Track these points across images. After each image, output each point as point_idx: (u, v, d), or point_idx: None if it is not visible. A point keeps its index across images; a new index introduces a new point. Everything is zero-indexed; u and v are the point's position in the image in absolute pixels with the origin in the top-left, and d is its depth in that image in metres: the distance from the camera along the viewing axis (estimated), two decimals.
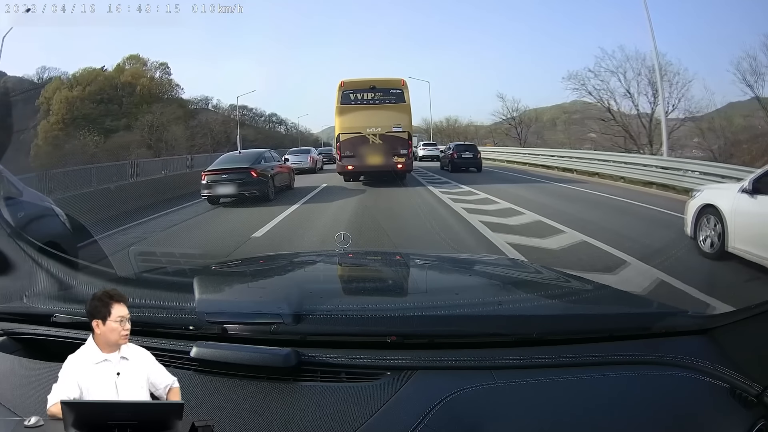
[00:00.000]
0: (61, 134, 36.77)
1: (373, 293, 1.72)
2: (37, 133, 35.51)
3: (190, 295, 1.30)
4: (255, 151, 13.29)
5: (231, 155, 12.84)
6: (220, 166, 11.18)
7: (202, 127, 44.49)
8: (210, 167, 11.20)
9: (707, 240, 5.39)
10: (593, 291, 1.68)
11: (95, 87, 41.14)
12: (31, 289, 1.57)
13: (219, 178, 10.49)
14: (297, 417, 0.95)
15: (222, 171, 10.71)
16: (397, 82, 14.19)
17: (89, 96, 40.20)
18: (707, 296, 3.91)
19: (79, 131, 36.77)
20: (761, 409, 0.98)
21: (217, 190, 10.44)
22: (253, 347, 1.10)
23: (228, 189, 10.41)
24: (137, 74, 44.65)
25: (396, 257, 2.48)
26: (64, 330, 1.28)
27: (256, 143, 37.70)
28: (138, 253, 3.24)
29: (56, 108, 38.10)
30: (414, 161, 15.97)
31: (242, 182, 10.39)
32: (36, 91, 37.52)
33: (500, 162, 25.18)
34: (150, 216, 9.40)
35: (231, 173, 10.55)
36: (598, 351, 1.14)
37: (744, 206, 4.83)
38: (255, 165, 10.96)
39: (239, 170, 10.62)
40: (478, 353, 1.11)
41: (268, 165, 11.60)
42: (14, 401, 1.02)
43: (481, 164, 19.44)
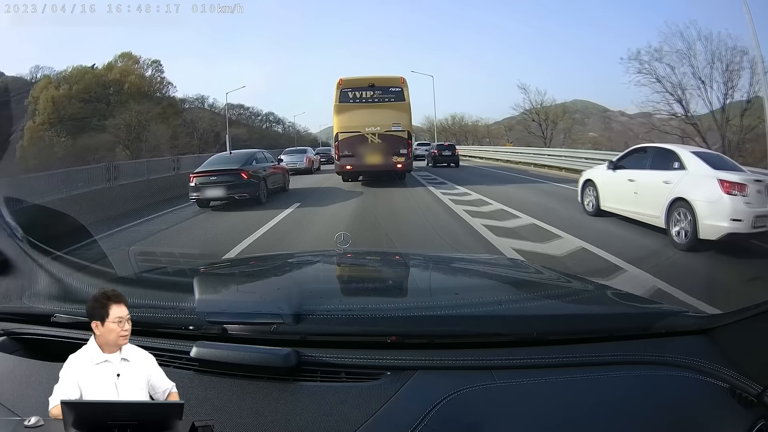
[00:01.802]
0: (47, 135, 35.24)
1: (373, 293, 1.72)
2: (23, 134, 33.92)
3: (190, 295, 1.31)
4: (246, 151, 12.84)
5: (221, 156, 12.37)
6: (209, 167, 10.69)
7: (187, 126, 42.08)
8: (199, 168, 10.71)
9: (589, 203, 8.14)
10: (593, 291, 1.68)
11: (82, 85, 38.90)
12: (31, 289, 1.57)
13: (208, 180, 10.02)
14: (297, 417, 0.95)
15: (211, 173, 10.24)
16: (396, 80, 13.78)
17: (76, 95, 38.05)
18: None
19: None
20: (761, 409, 0.98)
21: (205, 193, 9.98)
22: (253, 347, 1.10)
23: (217, 192, 9.95)
24: (126, 71, 42.32)
25: (396, 257, 2.48)
26: (64, 330, 1.28)
27: (248, 143, 36.18)
28: (138, 253, 3.25)
29: (42, 108, 36.21)
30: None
31: (232, 184, 9.92)
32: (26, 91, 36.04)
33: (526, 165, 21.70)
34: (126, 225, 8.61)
35: (220, 175, 10.10)
36: (598, 351, 1.14)
37: (608, 178, 7.65)
38: (246, 166, 10.50)
39: (229, 172, 10.17)
40: (478, 353, 1.11)
41: (260, 166, 11.17)
42: (14, 401, 1.02)
43: (458, 160, 22.59)
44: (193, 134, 41.61)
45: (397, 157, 13.16)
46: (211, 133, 42.63)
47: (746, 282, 4.54)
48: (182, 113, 43.91)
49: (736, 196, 5.53)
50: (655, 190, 6.48)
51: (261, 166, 11.27)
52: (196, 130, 42.29)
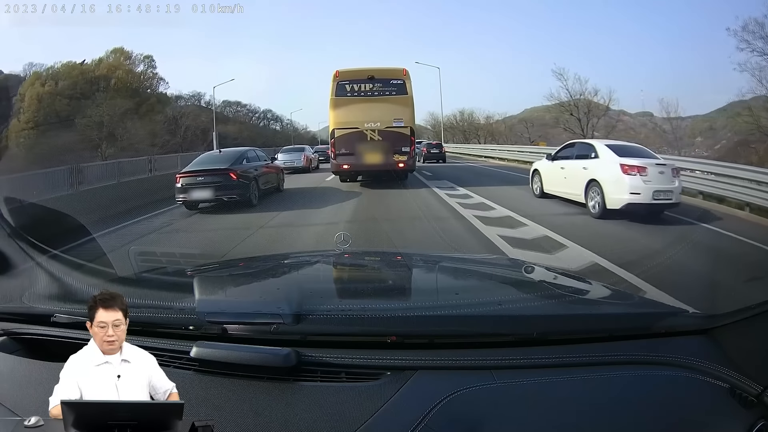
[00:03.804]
0: (32, 133, 32.84)
1: (372, 293, 1.72)
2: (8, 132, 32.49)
3: (190, 295, 1.31)
4: (236, 149, 12.01)
5: (210, 155, 11.60)
6: (196, 167, 10.00)
7: (169, 123, 38.76)
8: (186, 168, 10.05)
9: (537, 188, 10.15)
10: (593, 291, 1.68)
11: (69, 81, 36.67)
12: (31, 289, 1.57)
13: (195, 181, 9.34)
14: (297, 417, 0.95)
15: (198, 173, 9.56)
16: (398, 71, 12.53)
17: (61, 91, 35.75)
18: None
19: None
20: (761, 409, 0.98)
21: (192, 195, 9.28)
22: (253, 347, 1.10)
23: (204, 193, 9.28)
24: (115, 67, 40.01)
25: (396, 257, 2.48)
26: (64, 330, 1.28)
27: (238, 142, 33.64)
28: (138, 252, 3.25)
29: (27, 105, 34.36)
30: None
31: (219, 185, 9.24)
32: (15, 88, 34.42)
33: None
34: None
35: (207, 175, 9.42)
36: (599, 351, 1.14)
37: (548, 167, 9.69)
38: (235, 166, 9.80)
39: (216, 172, 9.48)
40: (478, 353, 1.11)
41: (251, 165, 10.46)
42: (14, 401, 1.02)
43: (445, 157, 24.24)
44: (176, 132, 38.57)
45: (398, 155, 12.07)
46: (197, 130, 39.65)
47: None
48: (164, 110, 40.78)
49: (634, 175, 7.38)
50: (577, 174, 8.43)
51: (252, 165, 10.62)
52: (178, 127, 39.22)
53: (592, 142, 9.12)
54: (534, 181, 10.35)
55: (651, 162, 7.71)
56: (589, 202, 7.99)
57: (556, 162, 9.40)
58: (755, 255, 6.20)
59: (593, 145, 8.60)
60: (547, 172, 9.75)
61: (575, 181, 8.43)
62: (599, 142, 8.76)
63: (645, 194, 7.28)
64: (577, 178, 8.36)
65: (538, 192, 10.06)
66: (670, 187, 7.47)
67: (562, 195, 9.05)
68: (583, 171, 8.26)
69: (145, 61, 42.30)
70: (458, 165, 22.19)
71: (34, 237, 1.81)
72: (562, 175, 9.06)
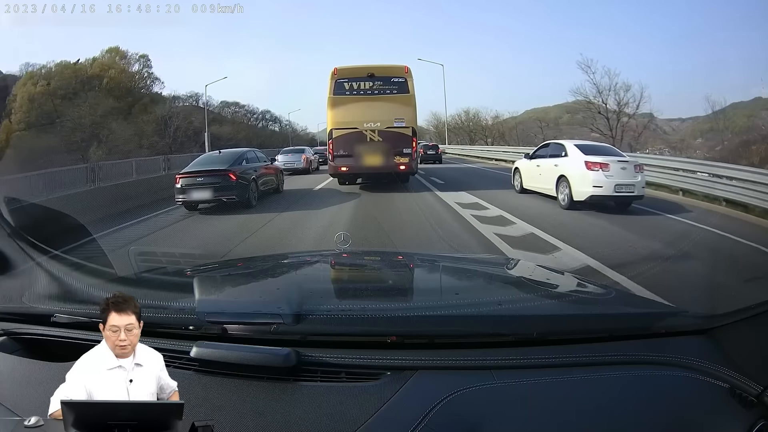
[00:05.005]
0: (24, 134, 31.72)
1: (372, 293, 1.72)
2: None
3: (190, 295, 1.31)
4: (236, 150, 11.99)
5: (209, 155, 11.59)
6: (195, 167, 10.09)
7: (158, 124, 36.72)
8: (185, 169, 10.15)
9: (517, 185, 11.03)
10: (593, 291, 1.68)
11: (60, 81, 35.16)
12: (31, 289, 1.57)
13: (194, 182, 9.40)
14: (297, 417, 0.95)
15: (197, 173, 9.62)
16: (399, 69, 11.89)
17: (53, 91, 34.07)
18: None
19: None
20: (761, 409, 0.98)
21: (192, 195, 9.35)
22: (253, 347, 1.10)
23: (203, 194, 9.34)
24: (108, 66, 38.46)
25: (396, 257, 2.48)
26: (64, 330, 1.28)
27: (232, 143, 32.52)
28: (138, 253, 3.25)
29: (18, 106, 32.84)
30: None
31: (218, 186, 9.30)
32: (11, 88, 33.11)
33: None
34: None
35: (207, 176, 9.47)
36: (598, 351, 1.14)
37: (526, 165, 10.66)
38: (234, 166, 9.84)
39: (216, 173, 9.52)
40: (478, 353, 1.11)
41: (250, 166, 10.51)
42: (14, 401, 1.02)
43: (441, 158, 24.89)
44: (164, 133, 36.38)
45: (399, 157, 11.47)
46: (189, 130, 37.50)
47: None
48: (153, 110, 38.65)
49: (597, 171, 8.39)
50: (550, 171, 9.45)
51: (251, 166, 10.64)
52: (167, 127, 36.93)
53: (562, 142, 10.08)
54: (515, 178, 11.29)
55: (614, 159, 8.68)
56: (559, 195, 9.01)
57: (533, 160, 10.36)
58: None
59: (564, 145, 9.60)
60: (525, 170, 10.69)
61: (548, 178, 9.46)
62: (569, 142, 9.72)
63: (607, 187, 8.29)
64: (550, 174, 9.41)
65: (519, 188, 10.97)
66: (632, 181, 8.40)
67: (538, 190, 10.03)
68: (554, 168, 9.30)
69: (141, 60, 41.21)
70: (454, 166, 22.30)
71: (34, 237, 1.81)
72: (537, 172, 10.04)
